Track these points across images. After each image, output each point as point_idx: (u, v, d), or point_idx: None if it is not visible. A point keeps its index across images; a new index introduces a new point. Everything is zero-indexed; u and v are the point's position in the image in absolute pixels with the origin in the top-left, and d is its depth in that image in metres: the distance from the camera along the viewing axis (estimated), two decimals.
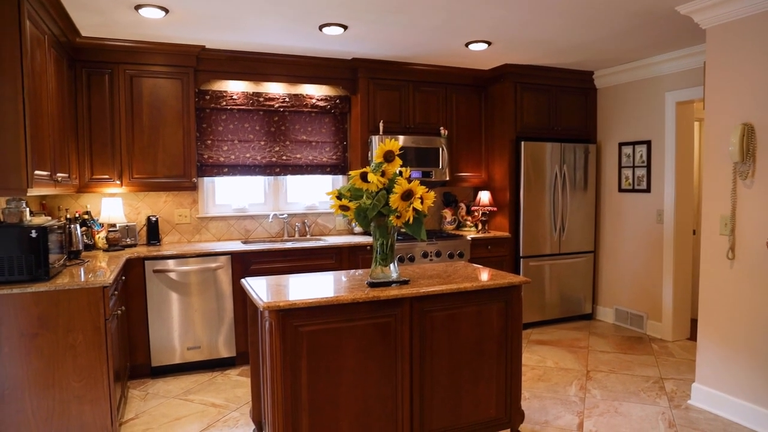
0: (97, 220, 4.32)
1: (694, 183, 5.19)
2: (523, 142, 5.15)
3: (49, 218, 3.24)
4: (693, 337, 4.89)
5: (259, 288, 2.72)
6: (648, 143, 5.04)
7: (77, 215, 4.17)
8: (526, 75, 5.20)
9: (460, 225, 5.65)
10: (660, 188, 4.94)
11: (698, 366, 3.57)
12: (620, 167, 5.34)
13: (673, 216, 4.82)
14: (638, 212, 5.17)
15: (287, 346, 2.45)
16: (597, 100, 5.61)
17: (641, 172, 5.11)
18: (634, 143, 5.18)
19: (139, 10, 3.46)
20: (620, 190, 5.35)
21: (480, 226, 5.42)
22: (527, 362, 4.35)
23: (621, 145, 5.31)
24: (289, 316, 2.45)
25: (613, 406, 3.53)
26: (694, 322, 4.75)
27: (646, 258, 5.11)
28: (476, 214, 5.46)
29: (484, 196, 5.39)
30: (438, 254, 4.91)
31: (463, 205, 5.63)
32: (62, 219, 3.85)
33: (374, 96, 4.94)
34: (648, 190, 5.06)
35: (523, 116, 5.25)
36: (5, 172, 2.72)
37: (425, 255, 4.86)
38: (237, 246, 4.41)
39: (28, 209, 2.99)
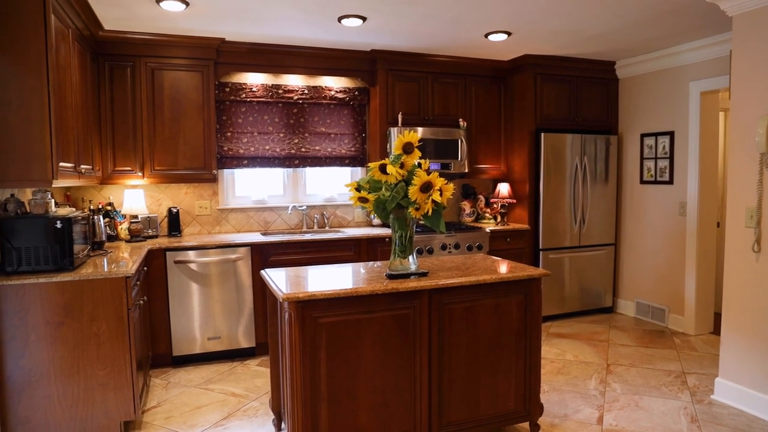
0: (120, 211, 4.39)
1: (719, 174, 5.09)
2: (542, 134, 5.10)
3: (74, 209, 3.30)
4: (716, 331, 4.82)
5: (279, 279, 2.74)
6: (671, 134, 4.95)
7: (100, 206, 4.24)
8: (546, 66, 5.14)
9: (479, 217, 5.62)
10: (683, 180, 4.85)
11: (722, 360, 3.52)
12: (642, 159, 5.26)
13: (696, 208, 4.74)
14: (660, 204, 5.09)
15: (306, 337, 2.47)
16: (619, 90, 5.52)
17: (664, 163, 5.03)
18: (656, 134, 5.09)
19: (160, 3, 3.48)
20: (642, 181, 5.27)
21: (499, 219, 5.39)
22: (546, 355, 4.33)
23: (643, 136, 5.23)
24: (309, 307, 2.46)
25: (633, 400, 3.49)
26: (717, 316, 4.67)
27: (668, 251, 5.03)
28: (495, 206, 5.42)
29: (503, 188, 5.35)
30: (457, 246, 4.90)
31: (482, 197, 5.60)
32: (86, 210, 3.91)
33: (393, 87, 4.93)
34: (671, 181, 4.97)
35: (543, 107, 5.19)
36: (31, 163, 2.77)
37: (444, 247, 4.85)
38: (256, 237, 4.45)
39: (53, 200, 3.04)
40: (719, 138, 4.93)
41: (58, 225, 2.83)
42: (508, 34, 4.29)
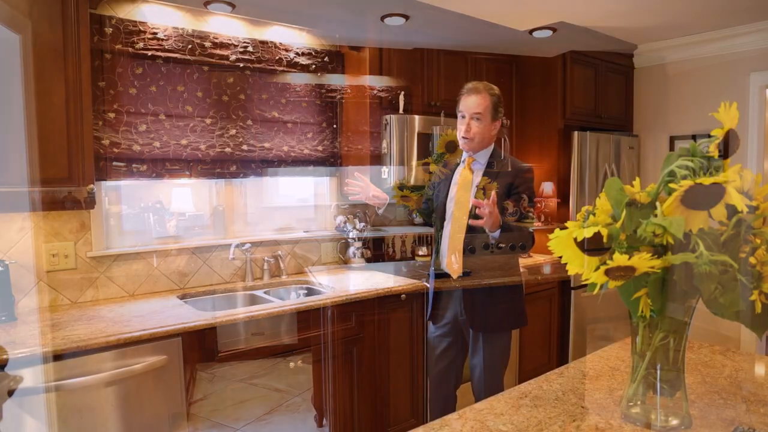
0: None
1: None
2: (588, 133, 4.99)
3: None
4: None
5: (321, 278, 2.76)
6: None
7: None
8: (592, 64, 5.02)
9: (522, 216, 5.52)
10: None
11: None
12: None
13: None
14: None
15: (348, 335, 2.48)
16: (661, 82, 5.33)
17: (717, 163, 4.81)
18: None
19: None
20: None
21: (543, 218, 5.29)
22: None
23: (695, 137, 5.04)
24: (350, 305, 2.47)
25: None
26: None
27: None
28: (539, 205, 5.32)
29: (548, 187, 5.25)
30: (499, 246, 4.82)
31: (525, 196, 5.50)
32: None
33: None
34: None
35: (596, 106, 5.07)
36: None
37: (486, 246, 4.78)
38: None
39: None
40: None
41: None
42: (553, 30, 4.20)
